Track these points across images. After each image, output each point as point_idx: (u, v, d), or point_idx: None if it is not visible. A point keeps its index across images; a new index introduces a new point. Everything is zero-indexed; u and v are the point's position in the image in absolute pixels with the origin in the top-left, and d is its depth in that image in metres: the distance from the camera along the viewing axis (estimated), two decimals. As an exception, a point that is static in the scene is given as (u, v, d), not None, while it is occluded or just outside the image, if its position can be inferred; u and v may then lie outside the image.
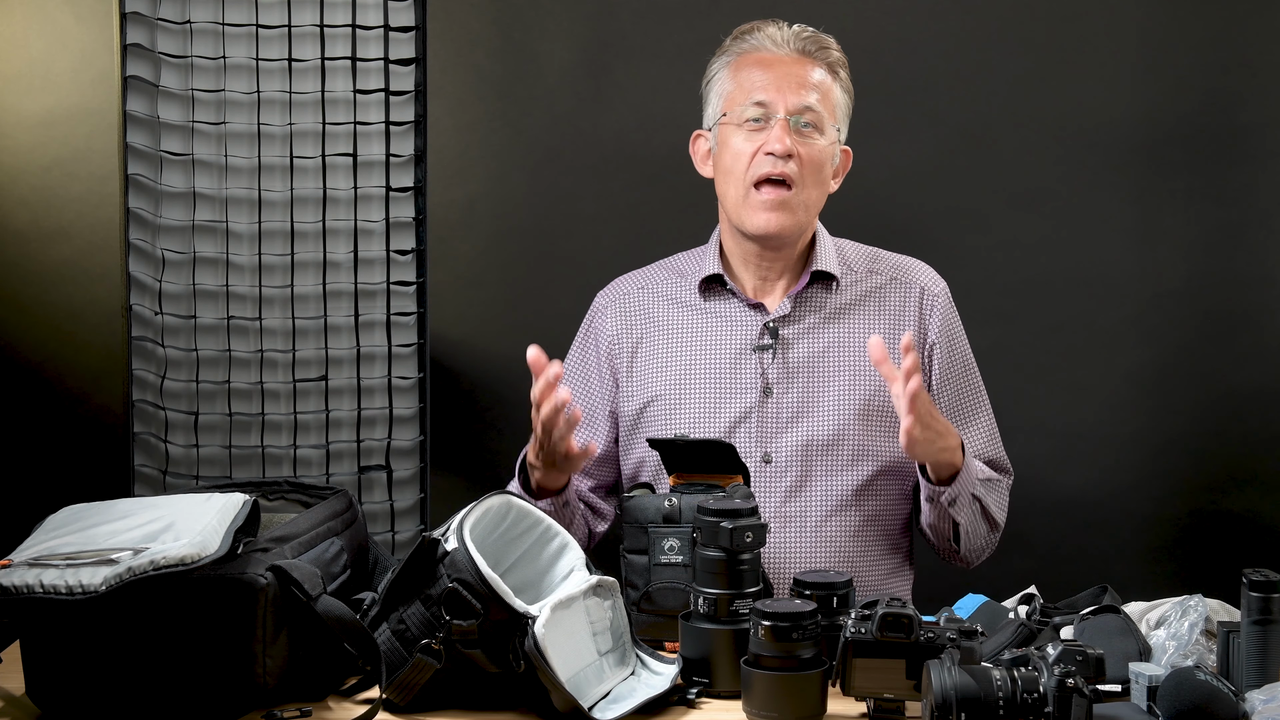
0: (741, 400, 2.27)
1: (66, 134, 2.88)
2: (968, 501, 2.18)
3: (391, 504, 2.59)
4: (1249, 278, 3.01)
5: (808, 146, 2.23)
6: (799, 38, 2.27)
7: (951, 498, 2.15)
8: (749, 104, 2.23)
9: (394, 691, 1.70)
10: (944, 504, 2.16)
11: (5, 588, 1.62)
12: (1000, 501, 2.29)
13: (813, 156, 2.24)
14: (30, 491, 2.85)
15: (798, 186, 2.22)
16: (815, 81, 2.25)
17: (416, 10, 2.56)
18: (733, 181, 2.25)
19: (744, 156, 2.24)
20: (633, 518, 1.96)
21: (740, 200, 2.25)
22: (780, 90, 2.23)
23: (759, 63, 2.26)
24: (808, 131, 2.23)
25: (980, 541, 2.25)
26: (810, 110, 2.23)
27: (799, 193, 2.23)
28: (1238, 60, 2.98)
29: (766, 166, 2.22)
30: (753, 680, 1.67)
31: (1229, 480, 3.04)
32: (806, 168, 2.23)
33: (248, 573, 1.68)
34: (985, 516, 2.24)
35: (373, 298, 2.58)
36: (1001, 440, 2.36)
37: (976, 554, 2.27)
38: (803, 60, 2.26)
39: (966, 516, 2.19)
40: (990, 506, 2.24)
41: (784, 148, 2.21)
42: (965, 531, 2.20)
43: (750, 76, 2.25)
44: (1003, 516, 2.29)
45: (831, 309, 2.30)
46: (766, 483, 2.24)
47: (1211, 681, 1.62)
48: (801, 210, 2.24)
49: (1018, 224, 3.02)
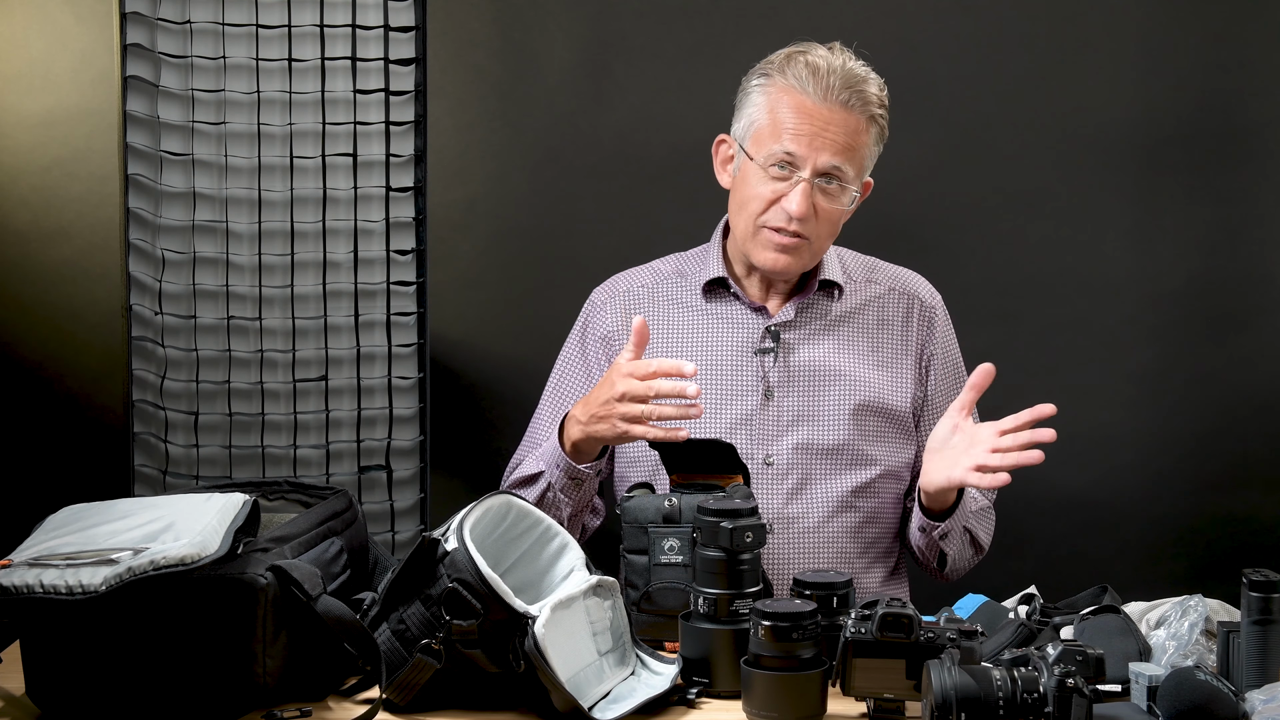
0: (743, 403, 2.27)
1: (66, 134, 2.87)
2: (959, 533, 2.21)
3: (391, 504, 2.59)
4: (1249, 278, 3.01)
5: (827, 205, 2.20)
6: (846, 84, 2.16)
7: (944, 532, 2.18)
8: (778, 151, 2.17)
9: (394, 691, 1.70)
10: (935, 537, 2.19)
11: (5, 588, 1.62)
12: (987, 526, 2.32)
13: (830, 214, 2.21)
14: (30, 491, 2.85)
15: (811, 239, 2.22)
16: (848, 140, 2.17)
17: (416, 10, 2.55)
18: (745, 217, 2.23)
19: (762, 200, 2.20)
20: (633, 518, 1.96)
21: (750, 235, 2.23)
22: (813, 146, 2.16)
23: (797, 107, 2.17)
24: (831, 189, 2.19)
25: (964, 564, 2.29)
26: (838, 170, 2.18)
27: (811, 244, 2.22)
28: (1238, 60, 2.98)
29: (780, 221, 2.19)
30: (753, 680, 1.67)
31: (1229, 480, 3.04)
32: (823, 223, 2.21)
33: (248, 573, 1.68)
34: (973, 543, 2.28)
35: (373, 298, 2.58)
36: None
37: (958, 574, 2.31)
38: (841, 113, 2.17)
39: (955, 547, 2.23)
40: (979, 534, 2.28)
41: (801, 212, 2.17)
42: (952, 558, 2.24)
43: (785, 119, 2.17)
44: (988, 539, 2.33)
45: (833, 316, 2.31)
46: (767, 485, 2.24)
47: (1211, 681, 1.62)
48: (809, 255, 2.24)
49: (1018, 224, 3.01)
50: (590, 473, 2.15)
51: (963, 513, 2.18)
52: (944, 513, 2.17)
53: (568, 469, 2.14)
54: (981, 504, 2.29)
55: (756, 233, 2.22)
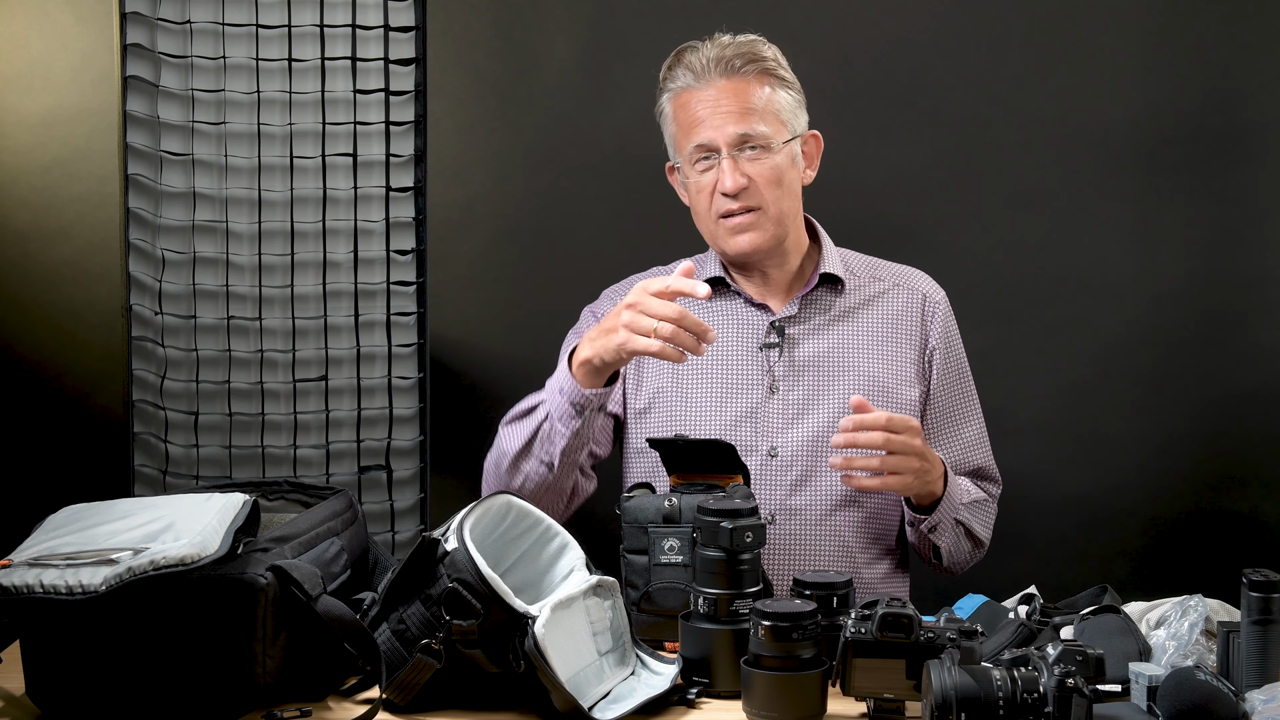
0: (748, 397, 2.27)
1: (66, 134, 2.88)
2: (950, 526, 2.22)
3: (391, 504, 2.59)
4: (1249, 278, 3.01)
5: (758, 167, 2.22)
6: (721, 58, 2.22)
7: (932, 525, 2.20)
8: (691, 148, 2.24)
9: (394, 691, 1.70)
10: (924, 530, 2.21)
11: (5, 588, 1.62)
12: (986, 520, 2.32)
13: (766, 174, 2.23)
14: (30, 491, 2.85)
15: (762, 206, 2.23)
16: (749, 103, 2.22)
17: (416, 10, 2.55)
18: (702, 219, 2.29)
19: (704, 194, 2.25)
20: (633, 518, 1.96)
21: (713, 231, 2.28)
22: (716, 126, 2.21)
23: (690, 100, 2.24)
24: (756, 154, 2.22)
25: (963, 557, 2.30)
26: (749, 135, 2.21)
27: (765, 210, 2.24)
28: (1238, 60, 2.98)
29: (726, 204, 2.23)
30: (753, 680, 1.67)
31: (1229, 480, 3.04)
32: (765, 186, 2.23)
33: (248, 573, 1.68)
34: (969, 536, 2.28)
35: (373, 298, 2.58)
36: (992, 450, 2.37)
37: (960, 566, 2.32)
38: (729, 84, 2.22)
39: (948, 540, 2.24)
40: (975, 528, 2.28)
41: (734, 185, 2.21)
42: (947, 551, 2.25)
43: (686, 116, 2.24)
44: (988, 534, 2.33)
45: (837, 311, 2.32)
46: (771, 476, 2.25)
47: (1211, 681, 1.62)
48: (770, 224, 2.26)
49: (1018, 224, 3.02)
50: (593, 399, 2.09)
51: (951, 505, 2.19)
52: (929, 507, 2.18)
53: (572, 392, 2.09)
54: (976, 496, 2.29)
55: (716, 227, 2.26)
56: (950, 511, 2.20)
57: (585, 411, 2.10)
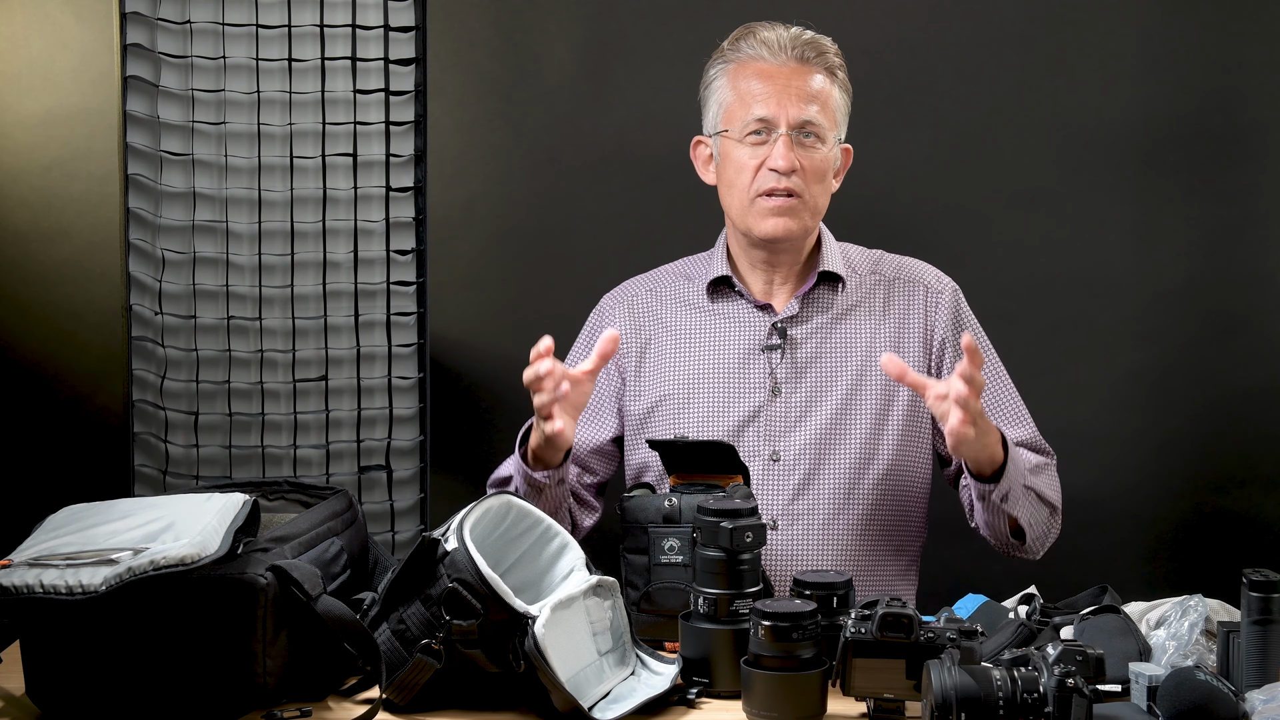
0: (750, 399, 2.27)
1: (66, 134, 2.88)
2: (1020, 494, 2.13)
3: (391, 504, 2.59)
4: (1249, 278, 3.01)
5: (810, 156, 2.23)
6: (797, 43, 2.25)
7: (1002, 494, 2.10)
8: (750, 119, 2.23)
9: (394, 691, 1.70)
10: (996, 501, 2.12)
11: (5, 588, 1.63)
12: (1052, 484, 2.25)
13: (815, 165, 2.24)
14: (30, 491, 2.85)
15: (803, 195, 2.23)
16: (815, 90, 2.24)
17: (416, 10, 2.55)
18: (737, 193, 2.26)
19: (747, 170, 2.24)
20: (633, 518, 1.96)
21: (745, 208, 2.26)
22: (781, 104, 2.22)
23: (758, 73, 2.25)
24: (809, 142, 2.24)
25: (1042, 529, 2.22)
26: (811, 123, 2.23)
27: (804, 200, 2.24)
28: (1238, 60, 2.98)
29: (771, 181, 2.23)
30: (753, 680, 1.67)
31: (1229, 480, 3.04)
32: (810, 176, 2.24)
33: (248, 573, 1.68)
34: (1043, 502, 2.21)
35: (373, 298, 2.58)
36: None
37: (1040, 543, 2.24)
38: (801, 69, 2.24)
39: (1025, 509, 2.16)
40: (1045, 492, 2.21)
41: (788, 164, 2.21)
42: (1027, 523, 2.17)
43: (749, 88, 2.24)
44: (1058, 498, 2.26)
45: (839, 309, 2.31)
46: (774, 480, 2.24)
47: (1211, 681, 1.62)
48: (808, 214, 2.26)
49: (1018, 224, 3.01)
50: (545, 480, 2.12)
51: (1018, 470, 2.11)
52: (994, 476, 2.09)
53: (525, 476, 2.13)
54: (1036, 461, 2.24)
55: (751, 204, 2.25)
56: (1019, 476, 2.11)
57: (544, 490, 2.14)
